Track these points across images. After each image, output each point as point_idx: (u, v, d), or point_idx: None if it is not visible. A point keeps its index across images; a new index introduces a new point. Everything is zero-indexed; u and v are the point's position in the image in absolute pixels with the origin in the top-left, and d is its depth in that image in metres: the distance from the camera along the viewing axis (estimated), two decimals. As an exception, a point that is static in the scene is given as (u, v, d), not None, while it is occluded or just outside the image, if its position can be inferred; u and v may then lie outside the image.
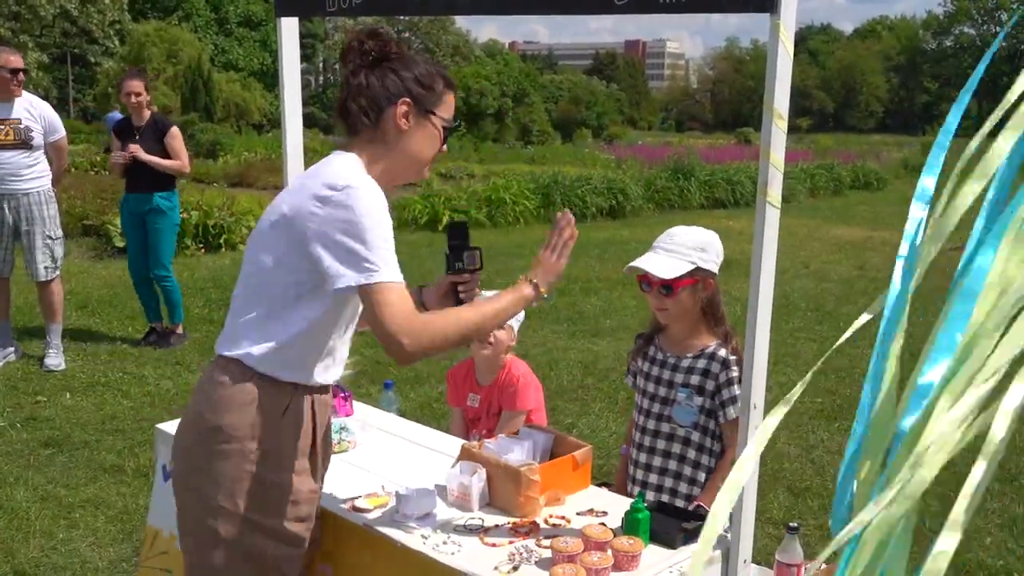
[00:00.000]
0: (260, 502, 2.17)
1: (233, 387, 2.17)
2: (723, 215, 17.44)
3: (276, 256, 2.15)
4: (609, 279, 10.49)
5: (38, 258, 6.49)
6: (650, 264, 2.85)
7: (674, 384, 2.93)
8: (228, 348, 2.21)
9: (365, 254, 2.03)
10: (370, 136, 2.23)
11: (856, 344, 7.84)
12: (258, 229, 2.23)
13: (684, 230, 2.93)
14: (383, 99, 2.20)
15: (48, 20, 47.49)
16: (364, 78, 2.21)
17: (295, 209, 2.11)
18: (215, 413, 2.17)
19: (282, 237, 2.13)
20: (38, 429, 5.47)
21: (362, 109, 2.21)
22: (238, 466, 2.15)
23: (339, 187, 2.07)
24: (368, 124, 2.22)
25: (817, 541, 4.26)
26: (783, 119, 2.03)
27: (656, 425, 2.96)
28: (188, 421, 2.28)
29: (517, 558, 2.23)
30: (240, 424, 2.15)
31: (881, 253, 13.07)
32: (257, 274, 2.20)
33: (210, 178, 20.18)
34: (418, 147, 2.26)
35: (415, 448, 3.01)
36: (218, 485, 2.16)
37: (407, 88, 2.21)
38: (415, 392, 6.26)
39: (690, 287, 2.85)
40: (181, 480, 2.26)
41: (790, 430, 5.76)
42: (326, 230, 2.05)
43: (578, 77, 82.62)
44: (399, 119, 2.21)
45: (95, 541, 4.14)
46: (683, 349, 2.96)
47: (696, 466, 2.91)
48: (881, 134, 73.33)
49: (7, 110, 6.28)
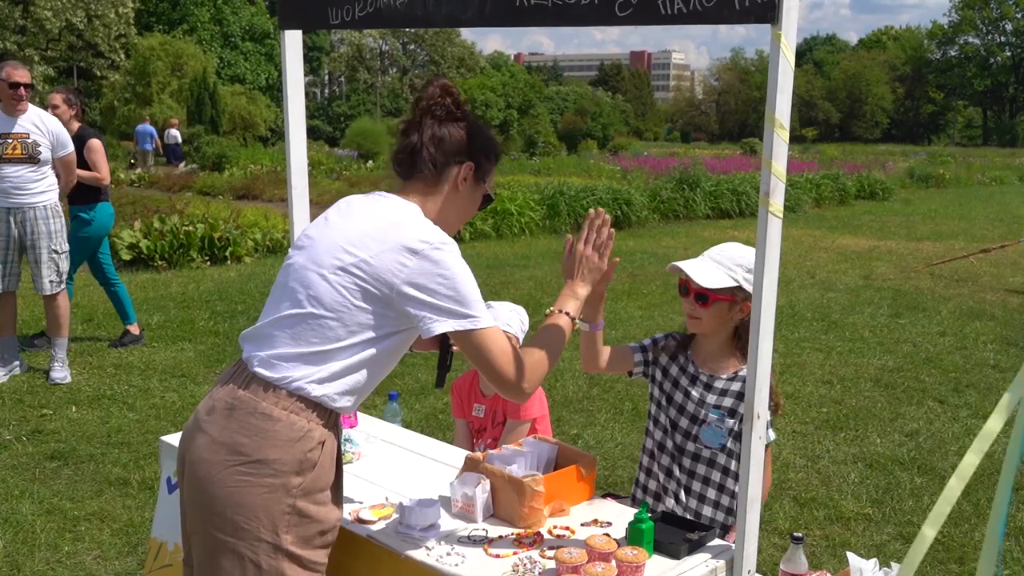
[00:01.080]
0: (299, 535, 2.15)
1: (283, 420, 2.14)
2: (728, 225, 17.44)
3: (351, 298, 2.16)
4: (614, 290, 10.48)
5: (43, 272, 6.51)
6: (692, 268, 2.82)
7: (705, 403, 2.87)
8: (274, 371, 2.18)
9: (464, 304, 2.15)
10: (426, 185, 2.31)
11: (861, 354, 7.83)
12: (318, 271, 2.20)
13: (738, 247, 2.87)
14: (453, 156, 2.30)
15: (54, 34, 47.73)
16: (437, 130, 2.29)
17: (379, 260, 2.15)
18: (259, 446, 2.13)
19: (360, 283, 2.16)
20: (44, 442, 5.48)
21: (432, 158, 2.29)
22: (281, 500, 2.12)
23: (431, 242, 2.15)
24: (430, 173, 2.30)
25: (822, 551, 4.25)
26: (785, 129, 2.04)
27: (682, 442, 2.91)
28: (219, 447, 2.16)
29: (521, 569, 2.23)
30: (288, 460, 2.12)
31: (887, 262, 13.05)
32: (320, 312, 2.17)
33: (215, 191, 20.26)
34: (462, 209, 2.38)
35: (419, 459, 3.01)
36: (261, 519, 2.11)
37: (474, 154, 2.32)
38: (420, 403, 6.26)
39: (727, 303, 2.81)
40: (209, 510, 2.16)
41: (796, 440, 5.75)
42: (422, 281, 2.13)
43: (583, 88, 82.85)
44: (460, 179, 2.32)
45: (100, 554, 4.14)
46: (716, 369, 2.90)
47: (720, 489, 2.86)
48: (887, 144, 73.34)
49: (14, 124, 6.31)
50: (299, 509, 2.14)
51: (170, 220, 12.21)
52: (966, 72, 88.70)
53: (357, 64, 79.91)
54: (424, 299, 2.13)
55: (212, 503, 2.15)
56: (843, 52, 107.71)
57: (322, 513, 2.19)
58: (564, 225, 16.07)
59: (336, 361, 2.17)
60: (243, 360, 2.26)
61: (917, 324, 9.02)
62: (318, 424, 2.17)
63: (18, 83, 6.26)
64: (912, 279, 11.68)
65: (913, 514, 4.70)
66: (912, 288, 11.00)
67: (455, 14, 2.50)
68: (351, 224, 2.25)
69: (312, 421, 2.16)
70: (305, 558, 2.17)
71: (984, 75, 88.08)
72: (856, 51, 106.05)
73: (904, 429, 5.99)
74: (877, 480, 5.15)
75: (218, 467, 2.15)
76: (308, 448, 2.15)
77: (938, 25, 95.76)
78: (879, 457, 5.48)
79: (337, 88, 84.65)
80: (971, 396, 6.71)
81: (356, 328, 2.16)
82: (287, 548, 2.13)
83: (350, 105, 72.47)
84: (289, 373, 2.16)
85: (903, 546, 4.33)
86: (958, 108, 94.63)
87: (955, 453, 5.57)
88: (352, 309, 2.16)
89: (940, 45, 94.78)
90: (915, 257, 13.63)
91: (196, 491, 2.19)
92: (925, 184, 29.32)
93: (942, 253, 13.70)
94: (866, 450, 5.60)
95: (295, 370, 2.16)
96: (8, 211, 6.38)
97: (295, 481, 2.13)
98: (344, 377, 2.18)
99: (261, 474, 2.12)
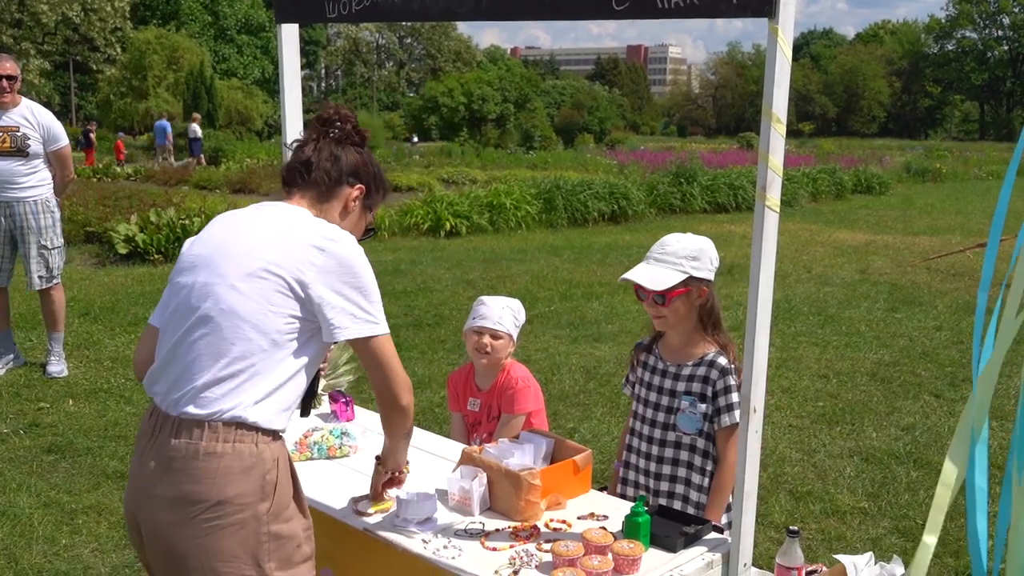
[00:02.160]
0: (280, 557, 2.12)
1: (228, 453, 2.05)
2: (725, 219, 17.46)
3: (269, 305, 2.10)
4: (611, 284, 10.49)
5: (32, 267, 6.48)
6: (641, 276, 2.86)
7: (676, 393, 2.93)
8: (208, 407, 2.07)
9: (366, 307, 2.17)
10: (317, 196, 2.34)
11: (858, 349, 7.83)
12: (228, 284, 2.12)
13: (677, 238, 2.92)
14: (347, 176, 2.36)
15: (50, 27, 47.64)
16: (334, 149, 2.35)
17: (290, 258, 2.12)
18: (215, 487, 2.04)
19: (271, 287, 2.10)
20: (41, 436, 5.48)
21: (327, 173, 2.33)
22: (256, 532, 2.07)
23: (335, 238, 2.17)
24: (324, 187, 2.33)
25: (818, 544, 4.26)
26: (782, 123, 2.04)
27: (662, 434, 2.96)
28: (173, 504, 2.07)
29: (518, 562, 2.24)
30: (249, 490, 2.06)
31: (883, 257, 13.07)
32: (237, 325, 2.08)
33: (212, 184, 20.25)
34: (349, 229, 2.34)
35: (416, 453, 3.01)
36: (240, 557, 2.06)
37: (367, 180, 2.40)
38: (416, 397, 6.23)
39: (683, 296, 2.86)
40: (181, 569, 2.09)
41: (792, 434, 5.76)
42: (328, 280, 2.13)
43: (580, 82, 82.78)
44: (351, 200, 2.37)
45: (98, 547, 4.14)
46: (682, 357, 2.96)
47: (702, 472, 2.92)
48: (883, 138, 73.31)
49: (2, 117, 6.25)
50: (274, 533, 2.10)
51: (166, 214, 12.19)
52: (963, 66, 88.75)
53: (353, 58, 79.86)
54: (332, 301, 2.12)
55: (185, 562, 2.08)
56: (840, 46, 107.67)
57: (293, 528, 2.15)
58: (561, 219, 16.07)
59: (263, 377, 2.09)
60: (158, 407, 2.14)
61: (913, 318, 9.03)
62: (266, 444, 2.10)
63: (6, 76, 6.20)
64: (908, 273, 11.69)
65: (909, 508, 4.71)
66: (908, 282, 11.01)
67: (452, 8, 2.50)
68: (247, 233, 2.19)
69: (259, 443, 2.09)
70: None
71: (981, 69, 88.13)
72: (853, 45, 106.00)
73: (900, 423, 6.00)
74: (873, 474, 5.16)
75: (179, 525, 2.07)
76: (264, 471, 2.08)
77: (935, 19, 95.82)
78: (875, 451, 5.49)
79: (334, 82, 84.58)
80: (967, 390, 6.72)
81: (276, 336, 2.10)
82: (272, 573, 2.10)
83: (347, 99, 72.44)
84: (220, 405, 2.06)
85: (899, 540, 4.35)
86: (955, 102, 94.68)
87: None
88: (269, 315, 2.09)
89: (937, 39, 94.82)
90: (912, 251, 13.65)
91: (165, 559, 2.12)
92: (922, 178, 29.35)
93: (938, 247, 13.71)
94: (862, 444, 5.61)
95: (225, 399, 2.06)
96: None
97: (263, 508, 2.08)
98: (275, 394, 2.11)
99: (227, 514, 2.05)
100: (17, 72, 6.32)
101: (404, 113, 63.43)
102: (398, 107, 69.17)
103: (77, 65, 51.08)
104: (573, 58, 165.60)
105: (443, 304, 9.23)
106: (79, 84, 53.05)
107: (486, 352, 3.43)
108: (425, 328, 8.25)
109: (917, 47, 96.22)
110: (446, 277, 10.81)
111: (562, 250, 13.18)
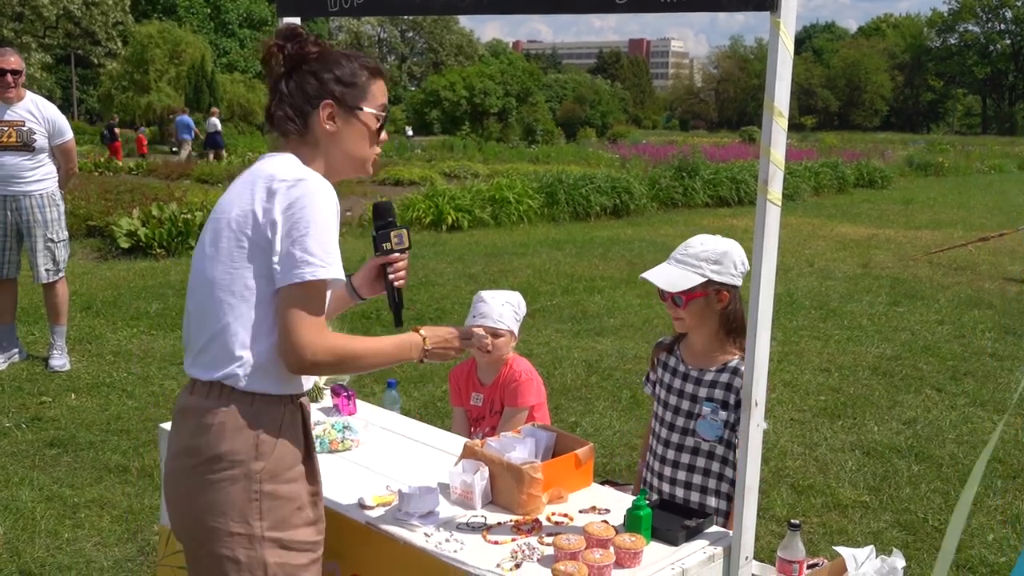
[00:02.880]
0: (274, 518, 2.12)
1: (226, 411, 2.10)
2: (727, 213, 17.45)
3: (231, 263, 2.08)
4: (613, 278, 10.49)
5: (39, 261, 6.50)
6: (659, 277, 2.83)
7: (698, 398, 2.89)
8: (203, 371, 2.13)
9: (303, 252, 2.01)
10: (300, 139, 2.20)
11: (859, 343, 7.83)
12: (200, 247, 2.16)
13: (701, 240, 2.86)
14: (305, 104, 2.18)
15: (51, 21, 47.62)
16: (285, 85, 2.19)
17: (241, 210, 2.08)
18: (210, 442, 2.10)
19: (233, 242, 2.08)
20: (43, 429, 5.49)
21: (288, 116, 2.18)
22: (246, 488, 2.09)
23: (288, 180, 2.05)
24: (296, 129, 2.19)
25: (819, 538, 4.26)
26: (784, 117, 2.04)
27: (681, 439, 2.92)
28: (178, 456, 2.17)
29: (519, 555, 2.24)
30: (242, 448, 2.09)
31: (885, 251, 13.06)
32: (214, 289, 2.10)
33: (214, 178, 20.24)
34: (350, 145, 2.23)
35: (418, 446, 3.02)
36: (228, 513, 2.09)
37: (328, 90, 2.18)
38: (418, 391, 6.27)
39: (702, 299, 2.82)
40: (186, 520, 2.16)
41: (793, 428, 5.76)
42: (278, 221, 2.02)
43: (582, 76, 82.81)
44: (324, 122, 2.18)
45: (100, 541, 4.15)
46: (705, 362, 2.91)
47: (720, 478, 2.88)
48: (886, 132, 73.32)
49: (7, 112, 6.27)
50: (268, 493, 2.11)
51: (168, 208, 12.19)
52: (966, 60, 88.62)
53: (355, 52, 79.71)
54: (279, 245, 2.02)
55: (185, 514, 2.15)
56: (842, 40, 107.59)
57: (294, 491, 2.15)
58: (563, 213, 16.07)
59: (247, 339, 2.08)
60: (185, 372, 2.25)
61: (915, 312, 9.03)
62: (264, 404, 2.11)
63: (4, 70, 6.18)
64: (910, 267, 11.69)
65: (910, 501, 4.71)
66: (910, 276, 11.01)
67: (453, 2, 2.49)
68: (226, 195, 2.19)
69: (256, 404, 2.11)
70: (287, 540, 2.14)
71: (984, 63, 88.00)
72: (855, 39, 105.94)
73: (902, 417, 6.00)
74: (874, 468, 5.16)
75: (181, 475, 2.15)
76: (261, 431, 2.11)
77: (938, 13, 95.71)
78: (876, 445, 5.49)
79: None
80: (969, 384, 6.72)
81: (246, 293, 2.07)
82: (265, 535, 2.11)
83: (349, 93, 72.27)
84: (215, 367, 2.10)
85: (900, 533, 4.35)
86: (957, 96, 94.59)
87: (952, 441, 5.59)
88: (235, 274, 2.07)
89: (940, 33, 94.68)
90: (914, 245, 13.64)
91: (172, 510, 2.21)
92: (924, 172, 29.33)
93: (940, 241, 13.71)
94: (863, 438, 5.61)
95: (220, 364, 2.09)
96: (4, 199, 6.36)
97: (256, 467, 2.09)
98: (265, 356, 2.09)
99: (220, 468, 2.08)
100: (22, 66, 6.32)
101: (406, 107, 63.43)
102: (400, 101, 69.13)
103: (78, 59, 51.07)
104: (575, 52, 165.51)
105: (445, 298, 9.24)
106: (80, 78, 53.05)
107: (487, 350, 3.43)
108: (427, 322, 8.17)
109: (919, 41, 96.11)
110: (448, 271, 10.82)
111: (564, 244, 13.18)
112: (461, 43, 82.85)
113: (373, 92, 2.23)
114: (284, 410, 2.15)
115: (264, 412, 2.11)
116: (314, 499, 2.22)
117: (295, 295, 2.02)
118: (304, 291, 2.02)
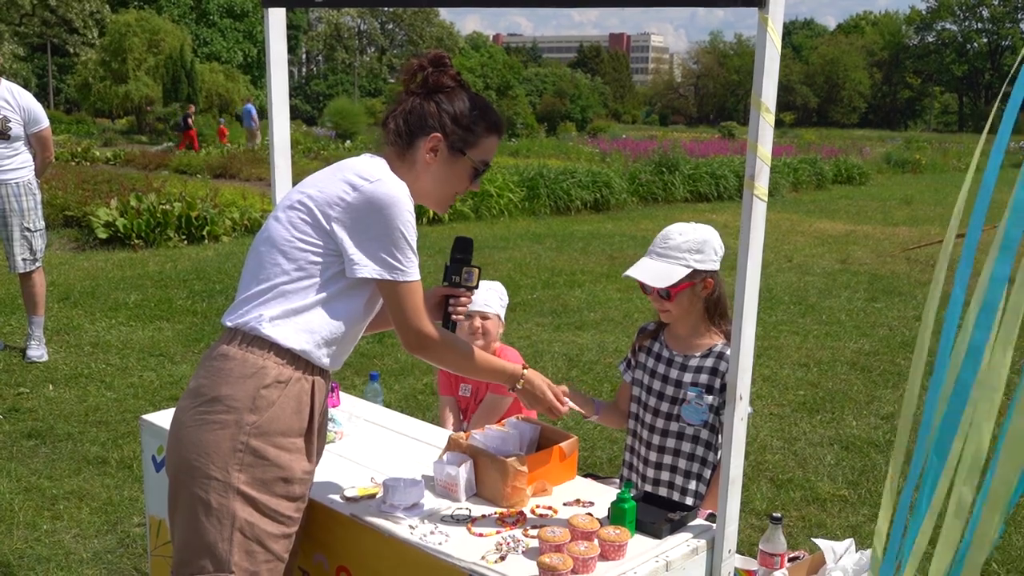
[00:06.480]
0: (254, 476, 2.15)
1: (236, 359, 2.18)
2: (707, 208, 17.50)
3: (294, 231, 2.20)
4: (593, 272, 10.51)
5: (16, 250, 6.44)
6: (644, 273, 2.85)
7: (683, 383, 2.92)
8: (234, 317, 2.24)
9: (391, 250, 2.17)
10: (398, 153, 2.31)
11: (838, 338, 7.86)
12: (274, 215, 2.28)
13: (679, 230, 2.88)
14: (418, 128, 2.29)
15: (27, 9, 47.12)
16: (410, 103, 2.30)
17: (323, 193, 2.19)
18: (214, 384, 2.17)
19: (303, 216, 2.20)
20: (21, 421, 5.45)
21: (398, 130, 2.30)
22: (233, 437, 2.13)
23: (372, 179, 2.17)
24: (400, 144, 2.30)
25: (799, 532, 4.29)
26: (771, 113, 2.05)
27: (665, 424, 2.96)
28: (187, 394, 2.26)
29: (504, 548, 2.24)
30: (241, 396, 2.14)
31: (863, 247, 13.14)
32: (271, 251, 2.22)
33: (192, 169, 20.10)
34: (437, 182, 2.34)
35: (402, 439, 3.01)
36: (211, 456, 2.13)
37: (443, 124, 2.28)
38: (399, 384, 6.27)
39: (688, 289, 2.85)
40: (175, 455, 2.22)
41: (773, 422, 5.80)
42: (354, 216, 2.16)
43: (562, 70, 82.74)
44: (426, 151, 2.29)
45: (79, 532, 4.13)
46: (690, 348, 2.95)
47: (704, 463, 2.93)
48: (864, 129, 73.72)
49: None
50: (253, 448, 2.14)
51: (147, 199, 12.11)
52: (943, 58, 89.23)
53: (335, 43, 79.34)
54: (355, 237, 2.17)
55: (176, 449, 2.22)
56: (821, 36, 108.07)
57: (284, 459, 2.18)
58: (543, 207, 16.07)
59: (286, 299, 2.20)
60: None
61: (893, 308, 9.10)
62: (276, 363, 2.18)
63: None
64: (888, 264, 11.77)
65: (888, 495, 4.75)
66: (888, 272, 11.09)
67: (437, -7, 2.49)
68: (311, 175, 2.32)
69: (267, 359, 2.17)
70: (261, 502, 2.16)
71: (961, 61, 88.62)
72: (834, 36, 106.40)
73: (880, 412, 6.05)
74: (853, 462, 5.20)
75: (183, 412, 2.23)
76: (262, 384, 2.15)
77: (916, 11, 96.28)
78: (855, 439, 5.53)
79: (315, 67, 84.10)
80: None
81: (303, 264, 2.20)
82: (239, 487, 2.14)
83: (328, 84, 72.03)
84: (244, 317, 2.21)
85: (878, 527, 4.39)
86: (935, 94, 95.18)
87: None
88: (296, 241, 2.20)
89: (918, 31, 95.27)
90: (891, 242, 13.73)
91: (168, 447, 2.28)
92: (902, 169, 29.49)
93: (918, 238, 13.81)
94: (842, 432, 5.66)
95: (250, 312, 2.21)
96: (-20, 188, 6.29)
97: (249, 418, 2.14)
98: (295, 317, 2.19)
99: (215, 411, 2.15)
100: None
101: (386, 99, 63.18)
102: (380, 93, 68.91)
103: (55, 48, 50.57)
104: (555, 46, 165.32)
105: (425, 291, 9.22)
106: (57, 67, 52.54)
107: (481, 334, 3.47)
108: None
109: (898, 38, 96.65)
110: (429, 264, 10.72)
111: (544, 238, 13.19)
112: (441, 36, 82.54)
113: (483, 145, 2.37)
114: (293, 375, 2.20)
115: (273, 368, 2.17)
116: (305, 477, 2.26)
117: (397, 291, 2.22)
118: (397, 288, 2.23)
